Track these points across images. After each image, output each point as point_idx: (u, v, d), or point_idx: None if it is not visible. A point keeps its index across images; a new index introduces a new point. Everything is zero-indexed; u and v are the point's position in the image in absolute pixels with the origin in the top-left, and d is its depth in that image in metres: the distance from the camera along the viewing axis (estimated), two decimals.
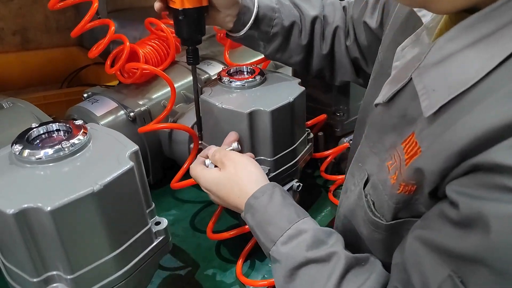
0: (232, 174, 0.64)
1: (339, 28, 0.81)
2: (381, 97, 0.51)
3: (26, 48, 1.59)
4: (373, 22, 0.74)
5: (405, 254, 0.43)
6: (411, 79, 0.45)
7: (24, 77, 1.54)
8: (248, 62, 1.24)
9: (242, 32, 0.77)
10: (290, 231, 0.54)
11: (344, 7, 0.84)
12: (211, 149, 0.71)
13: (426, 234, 0.40)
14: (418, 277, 0.40)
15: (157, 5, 0.72)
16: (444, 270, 0.37)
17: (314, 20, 0.80)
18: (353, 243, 0.56)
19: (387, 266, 0.51)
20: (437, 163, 0.38)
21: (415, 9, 0.52)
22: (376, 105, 0.53)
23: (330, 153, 0.99)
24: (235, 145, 0.73)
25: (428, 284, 0.39)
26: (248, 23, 0.76)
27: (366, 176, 0.52)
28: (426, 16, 0.50)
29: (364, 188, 0.52)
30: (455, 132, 0.36)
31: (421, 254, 0.40)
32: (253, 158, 0.70)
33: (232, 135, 0.73)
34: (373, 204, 0.50)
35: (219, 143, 0.80)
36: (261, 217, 0.57)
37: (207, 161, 0.71)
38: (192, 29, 0.73)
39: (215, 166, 0.69)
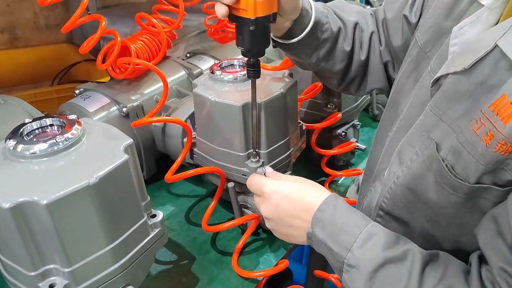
0: (303, 183, 0.67)
1: (374, 33, 0.82)
2: (457, 67, 0.53)
3: (15, 46, 1.57)
4: (412, 16, 0.74)
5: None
6: (493, 48, 0.49)
7: (14, 75, 1.53)
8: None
9: (298, 37, 0.72)
10: (362, 235, 0.56)
11: (371, 14, 0.85)
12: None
13: None
14: None
15: (221, 11, 0.62)
16: None
17: (355, 26, 0.80)
18: (410, 215, 0.59)
19: (450, 240, 0.54)
20: None
21: None
22: (438, 79, 0.57)
23: (336, 152, 1.03)
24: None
25: None
26: (307, 27, 0.72)
27: (434, 144, 0.55)
28: None
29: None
30: None
31: None
32: None
33: None
34: (452, 168, 0.52)
35: (212, 137, 0.81)
36: (332, 228, 0.58)
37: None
38: (260, 39, 0.65)
39: None
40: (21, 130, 0.59)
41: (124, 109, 0.92)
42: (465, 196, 0.52)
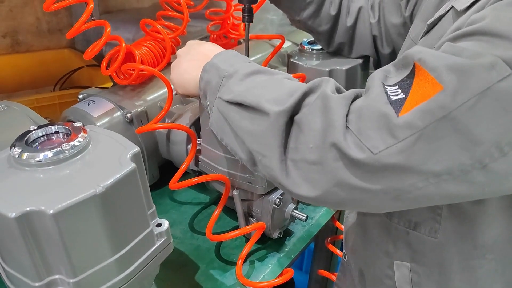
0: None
1: (363, 8, 0.94)
2: (424, 27, 0.65)
3: (17, 51, 1.56)
4: (406, 9, 0.88)
5: None
6: (450, 9, 0.58)
7: (15, 80, 1.52)
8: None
9: None
10: (251, 63, 0.64)
11: None
12: None
13: None
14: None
15: None
16: None
17: None
18: None
19: None
20: None
21: None
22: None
23: None
24: None
25: None
26: None
27: None
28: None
29: None
30: None
31: None
32: None
33: None
34: None
35: (218, 144, 0.80)
36: (228, 57, 0.66)
37: None
38: None
39: None
40: (26, 137, 0.58)
41: (129, 115, 0.92)
42: None
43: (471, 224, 0.58)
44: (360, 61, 1.00)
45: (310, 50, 1.09)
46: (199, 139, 0.86)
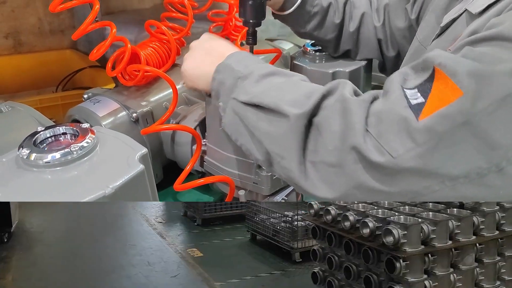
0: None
1: (366, 13, 0.94)
2: (437, 28, 0.66)
3: (19, 51, 1.56)
4: (412, 12, 0.88)
5: None
6: (463, 12, 0.59)
7: (17, 81, 1.52)
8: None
9: (290, 10, 0.88)
10: (264, 65, 0.64)
11: None
12: None
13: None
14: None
15: None
16: None
17: (346, 2, 0.94)
18: None
19: None
20: None
21: None
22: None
23: None
24: None
25: None
26: (296, 2, 0.87)
27: None
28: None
29: None
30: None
31: None
32: None
33: None
34: None
35: (224, 145, 0.80)
36: (242, 58, 0.65)
37: None
38: (257, 12, 0.81)
39: None
40: (34, 138, 0.58)
41: (134, 115, 0.91)
42: None
43: None
44: (364, 63, 1.00)
45: (313, 52, 1.09)
46: (204, 140, 0.86)
